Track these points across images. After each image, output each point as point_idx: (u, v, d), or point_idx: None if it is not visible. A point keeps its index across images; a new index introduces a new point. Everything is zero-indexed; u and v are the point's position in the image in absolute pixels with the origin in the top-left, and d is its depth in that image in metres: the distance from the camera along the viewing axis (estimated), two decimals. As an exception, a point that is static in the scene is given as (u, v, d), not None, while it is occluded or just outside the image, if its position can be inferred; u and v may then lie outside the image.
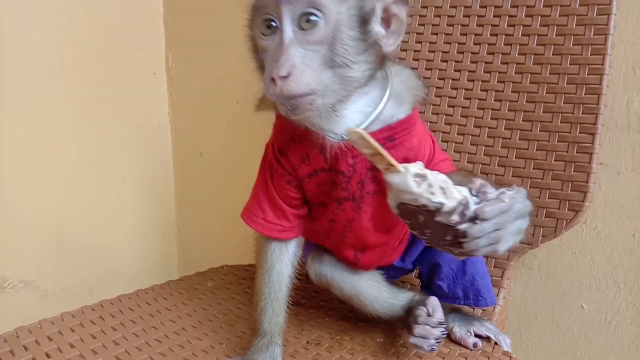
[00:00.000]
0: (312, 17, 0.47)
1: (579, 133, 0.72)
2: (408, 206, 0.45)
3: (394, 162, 0.44)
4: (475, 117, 0.79)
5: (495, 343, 0.67)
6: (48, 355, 0.59)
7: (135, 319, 0.70)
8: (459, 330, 0.68)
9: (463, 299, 0.68)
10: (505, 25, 0.78)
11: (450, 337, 0.68)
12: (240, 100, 1.25)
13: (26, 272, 1.19)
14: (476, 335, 0.67)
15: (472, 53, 0.80)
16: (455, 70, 0.82)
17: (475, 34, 0.80)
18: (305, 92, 0.47)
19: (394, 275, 0.73)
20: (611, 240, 0.82)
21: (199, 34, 1.30)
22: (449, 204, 0.44)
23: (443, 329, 0.61)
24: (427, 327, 0.61)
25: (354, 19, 0.49)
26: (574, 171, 0.72)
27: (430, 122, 0.82)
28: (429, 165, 0.58)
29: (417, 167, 0.45)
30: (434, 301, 0.63)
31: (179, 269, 1.48)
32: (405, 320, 0.65)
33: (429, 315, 0.62)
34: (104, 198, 1.30)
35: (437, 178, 0.45)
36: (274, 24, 0.49)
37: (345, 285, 0.65)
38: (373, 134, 0.48)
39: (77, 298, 1.27)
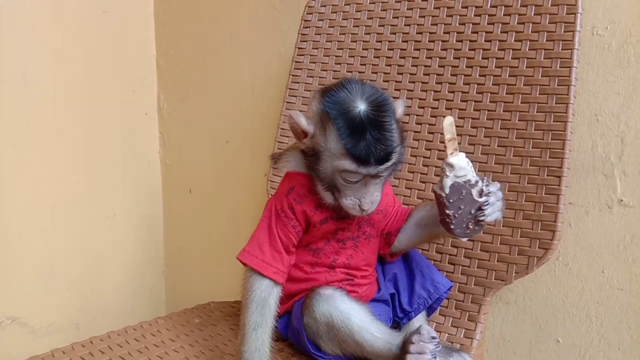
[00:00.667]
0: (384, 174, 0.66)
1: (547, 175, 0.76)
2: (458, 184, 0.63)
3: (457, 147, 0.64)
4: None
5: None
6: (39, 392, 0.62)
7: (124, 355, 0.72)
8: None
9: (428, 297, 0.76)
10: (477, 75, 0.84)
11: None
12: (229, 139, 1.29)
13: (14, 309, 1.20)
14: None
15: (447, 100, 0.86)
16: (431, 116, 0.87)
17: (450, 83, 0.86)
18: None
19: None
20: (582, 276, 0.86)
21: (190, 76, 1.35)
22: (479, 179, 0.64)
23: (436, 343, 0.64)
24: (421, 343, 0.64)
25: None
26: (543, 211, 0.76)
27: (410, 163, 0.88)
28: (392, 208, 0.77)
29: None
30: (426, 327, 0.67)
31: (166, 305, 1.49)
32: (402, 354, 0.66)
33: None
34: (93, 234, 1.32)
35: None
36: (354, 180, 0.65)
37: (345, 316, 0.67)
38: None
39: (64, 334, 1.27)
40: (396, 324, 0.79)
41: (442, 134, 0.64)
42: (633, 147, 0.81)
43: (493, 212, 0.65)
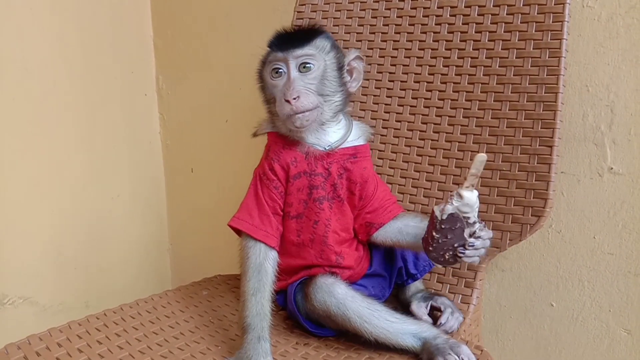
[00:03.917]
0: (308, 65, 0.71)
1: (539, 145, 0.79)
2: (457, 216, 0.63)
3: (474, 184, 0.62)
4: (447, 133, 0.87)
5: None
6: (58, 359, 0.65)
7: (136, 326, 0.75)
8: (416, 305, 0.77)
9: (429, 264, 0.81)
10: (471, 49, 0.85)
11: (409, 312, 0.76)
12: (228, 118, 1.31)
13: (25, 288, 1.23)
14: (434, 308, 0.77)
15: (442, 74, 0.88)
16: (427, 90, 0.89)
17: (444, 57, 0.88)
18: (309, 107, 0.69)
19: (377, 293, 0.80)
20: (574, 242, 0.90)
21: (188, 55, 1.37)
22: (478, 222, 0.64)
23: None
24: None
25: (334, 65, 0.73)
26: (535, 180, 0.79)
27: (416, 162, 0.90)
28: (373, 195, 0.77)
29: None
30: (466, 351, 0.65)
31: (172, 281, 1.53)
32: (430, 357, 0.65)
33: None
34: (98, 215, 1.35)
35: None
36: (281, 70, 0.71)
37: (341, 304, 0.68)
38: (343, 149, 0.74)
39: (74, 312, 1.31)
40: (398, 286, 0.83)
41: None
42: (622, 117, 0.83)
43: (473, 255, 0.65)
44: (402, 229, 0.75)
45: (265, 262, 0.71)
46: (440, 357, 0.64)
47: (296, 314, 0.75)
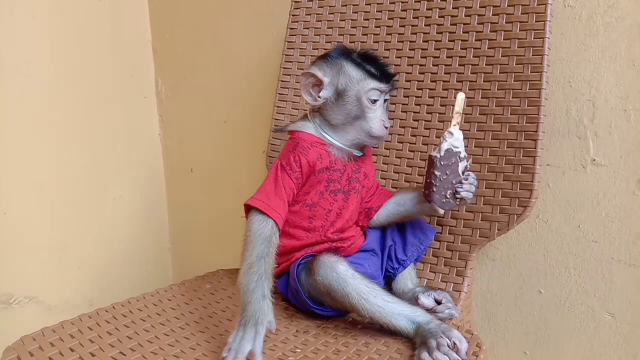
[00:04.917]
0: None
1: (524, 139, 0.83)
2: (452, 151, 0.74)
3: (459, 122, 0.75)
4: (437, 129, 0.91)
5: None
6: (72, 350, 0.69)
7: (144, 318, 0.79)
8: (424, 297, 0.81)
9: (420, 243, 0.87)
10: (459, 49, 0.90)
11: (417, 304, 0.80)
12: (226, 119, 1.35)
13: (30, 288, 1.26)
14: (435, 300, 0.81)
15: (432, 73, 0.92)
16: (418, 89, 0.93)
17: (434, 57, 0.92)
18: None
19: (373, 272, 0.84)
20: (560, 231, 0.94)
21: (186, 59, 1.40)
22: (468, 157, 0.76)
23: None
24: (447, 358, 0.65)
25: None
26: (521, 172, 0.83)
27: (399, 134, 0.94)
28: (374, 182, 0.88)
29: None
30: (457, 334, 0.67)
31: (173, 280, 1.56)
32: (423, 340, 0.68)
33: (452, 347, 0.66)
34: (101, 216, 1.38)
35: None
36: (378, 98, 0.79)
37: (342, 280, 0.72)
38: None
39: (78, 311, 1.32)
40: (390, 278, 0.87)
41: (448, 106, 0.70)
42: (603, 110, 0.87)
43: (468, 190, 0.77)
44: (398, 201, 0.86)
45: (273, 236, 0.75)
46: (433, 340, 0.67)
47: (299, 290, 0.79)
